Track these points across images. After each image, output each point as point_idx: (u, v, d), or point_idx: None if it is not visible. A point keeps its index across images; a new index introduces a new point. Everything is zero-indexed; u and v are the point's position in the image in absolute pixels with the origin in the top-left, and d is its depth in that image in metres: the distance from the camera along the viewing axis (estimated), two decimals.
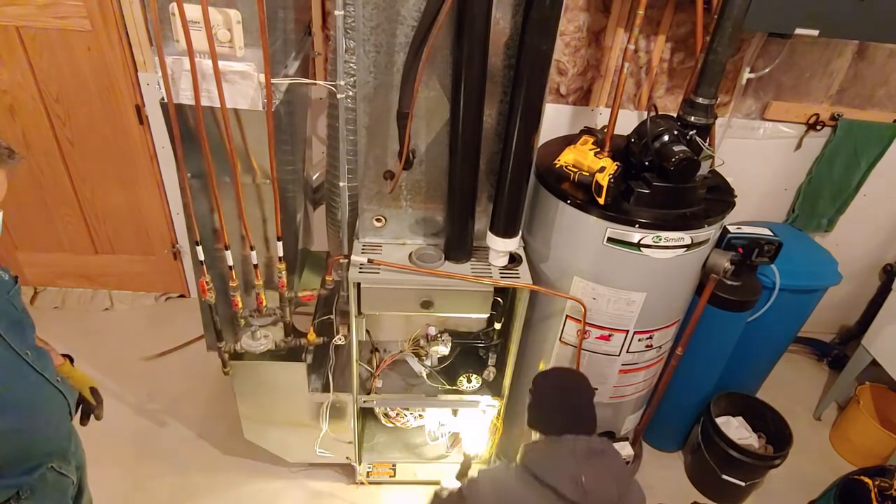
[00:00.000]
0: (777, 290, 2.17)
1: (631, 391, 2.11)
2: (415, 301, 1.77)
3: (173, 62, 1.36)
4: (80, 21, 2.25)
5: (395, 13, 1.42)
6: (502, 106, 1.60)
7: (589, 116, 2.38)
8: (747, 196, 2.41)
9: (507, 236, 1.72)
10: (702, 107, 1.69)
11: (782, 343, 2.49)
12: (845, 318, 3.18)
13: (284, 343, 1.91)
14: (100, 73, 2.38)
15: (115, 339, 2.85)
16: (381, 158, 1.65)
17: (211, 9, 1.29)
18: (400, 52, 1.47)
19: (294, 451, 2.23)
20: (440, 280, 1.72)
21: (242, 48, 1.36)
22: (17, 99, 2.44)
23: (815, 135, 2.50)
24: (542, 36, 1.40)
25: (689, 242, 1.74)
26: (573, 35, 2.20)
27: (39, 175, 2.65)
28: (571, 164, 1.77)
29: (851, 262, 2.78)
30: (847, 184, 2.58)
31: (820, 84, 2.39)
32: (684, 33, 2.20)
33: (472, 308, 1.82)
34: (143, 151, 2.60)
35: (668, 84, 2.34)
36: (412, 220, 1.79)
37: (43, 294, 3.00)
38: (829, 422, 2.82)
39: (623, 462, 1.42)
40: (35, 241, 2.88)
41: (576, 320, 1.90)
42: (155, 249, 2.93)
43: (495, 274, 1.75)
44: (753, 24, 1.81)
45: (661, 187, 1.68)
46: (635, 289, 1.81)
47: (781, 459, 2.26)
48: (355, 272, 1.70)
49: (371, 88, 1.53)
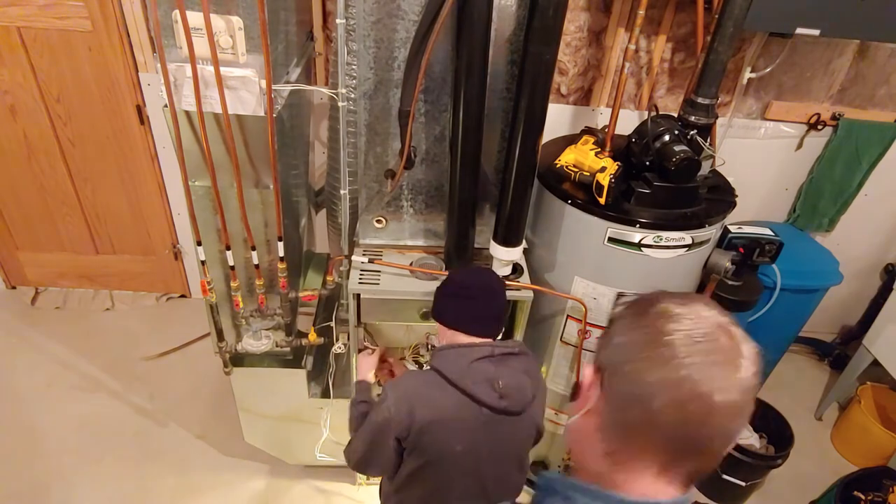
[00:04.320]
0: (778, 289, 2.17)
1: None
2: (414, 311, 1.77)
3: (175, 69, 1.36)
4: (80, 21, 2.25)
5: (395, 7, 1.42)
6: (504, 114, 1.59)
7: (590, 116, 2.38)
8: (748, 196, 2.40)
9: (510, 245, 1.71)
10: (703, 106, 1.69)
11: (783, 343, 2.49)
12: (846, 318, 3.18)
13: (286, 343, 1.91)
14: (101, 73, 2.38)
15: (116, 339, 2.86)
16: (382, 157, 1.65)
17: (213, 15, 1.29)
18: (401, 48, 1.47)
19: (295, 455, 2.23)
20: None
21: (244, 54, 1.36)
22: (19, 99, 2.45)
23: (816, 134, 2.50)
24: (544, 44, 1.40)
25: (689, 242, 1.74)
26: (574, 35, 2.20)
27: (41, 175, 2.66)
28: (572, 164, 1.77)
29: (852, 262, 2.78)
30: (848, 183, 2.58)
31: (821, 84, 2.39)
32: (685, 33, 2.20)
33: None
34: (143, 151, 2.60)
35: (669, 84, 2.34)
36: (413, 223, 1.79)
37: (44, 294, 3.00)
38: (830, 422, 2.82)
39: (535, 360, 1.40)
40: (36, 242, 2.88)
41: (577, 320, 1.90)
42: (156, 249, 2.93)
43: None
44: (754, 23, 1.80)
45: (661, 187, 1.68)
46: (636, 289, 1.80)
47: (782, 459, 2.26)
48: (355, 282, 1.69)
49: (371, 85, 1.52)
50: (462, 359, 1.31)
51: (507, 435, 1.35)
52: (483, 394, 1.27)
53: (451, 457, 1.30)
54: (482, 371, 1.29)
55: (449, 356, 1.33)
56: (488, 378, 1.28)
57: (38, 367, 2.66)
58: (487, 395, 1.27)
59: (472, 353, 1.30)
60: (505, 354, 1.33)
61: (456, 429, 1.29)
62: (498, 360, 1.31)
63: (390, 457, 1.32)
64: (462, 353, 1.32)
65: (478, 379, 1.28)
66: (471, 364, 1.29)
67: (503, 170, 1.63)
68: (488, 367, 1.29)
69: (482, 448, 1.32)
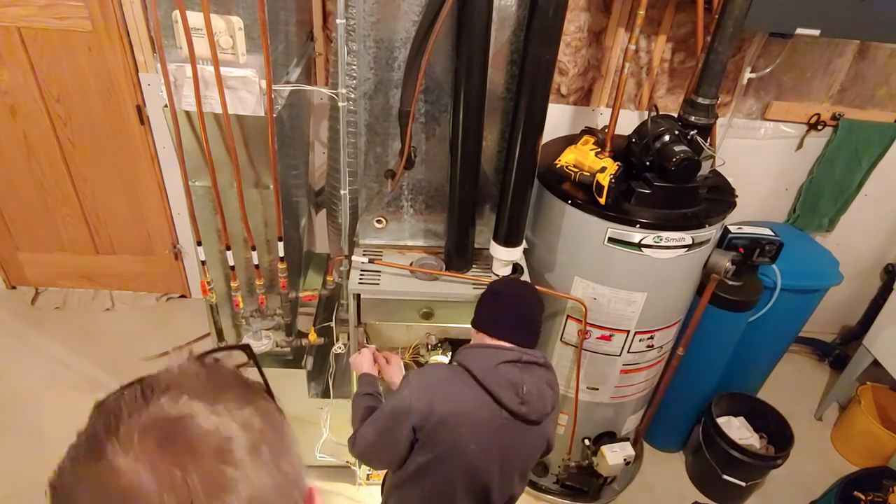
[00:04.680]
0: (778, 290, 2.17)
1: (632, 391, 2.11)
2: (415, 311, 1.77)
3: (176, 69, 1.36)
4: (80, 21, 2.25)
5: (395, 7, 1.42)
6: (504, 114, 1.59)
7: (590, 116, 2.38)
8: (748, 196, 2.40)
9: (511, 245, 1.71)
10: (703, 107, 1.69)
11: (783, 343, 2.49)
12: (846, 318, 3.17)
13: (286, 343, 1.91)
14: (100, 73, 2.38)
15: (116, 339, 2.85)
16: (382, 158, 1.65)
17: (213, 15, 1.29)
18: (401, 48, 1.47)
19: None
20: (440, 291, 1.72)
21: (244, 54, 1.36)
22: (18, 99, 2.44)
23: (816, 135, 2.50)
24: (544, 45, 1.40)
25: (689, 242, 1.74)
26: (574, 35, 2.20)
27: (40, 175, 2.66)
28: (572, 165, 1.77)
29: (853, 262, 2.78)
30: (848, 184, 2.58)
31: (821, 84, 2.39)
32: (685, 33, 2.20)
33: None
34: (143, 152, 2.60)
35: (669, 84, 2.34)
36: (413, 223, 1.79)
37: (44, 294, 3.00)
38: (830, 422, 2.82)
39: (556, 377, 1.41)
40: (36, 242, 2.88)
41: (577, 320, 1.90)
42: (156, 250, 2.93)
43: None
44: (754, 23, 1.80)
45: (661, 187, 1.68)
46: (636, 289, 1.81)
47: (782, 460, 2.26)
48: (355, 282, 1.69)
49: (371, 85, 1.52)
50: (489, 359, 1.31)
51: (519, 442, 1.34)
52: (505, 396, 1.27)
53: (463, 454, 1.29)
54: (507, 374, 1.29)
55: (476, 354, 1.34)
56: (513, 382, 1.28)
57: (38, 367, 2.65)
58: (509, 399, 1.27)
59: (500, 356, 1.31)
60: (531, 363, 1.33)
61: (473, 426, 1.29)
62: (523, 367, 1.32)
63: (402, 447, 1.31)
64: (490, 353, 1.33)
65: (502, 381, 1.28)
66: (497, 366, 1.29)
67: (503, 170, 1.63)
68: (514, 372, 1.30)
69: (494, 450, 1.31)
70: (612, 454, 2.11)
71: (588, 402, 2.10)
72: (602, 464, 2.13)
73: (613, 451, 2.11)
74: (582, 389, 2.05)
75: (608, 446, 2.13)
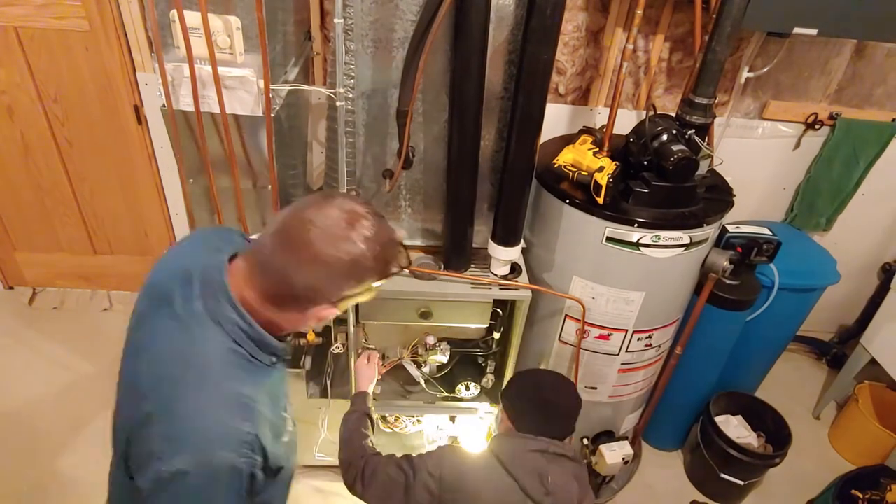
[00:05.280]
0: (776, 289, 2.17)
1: (630, 390, 2.11)
2: (413, 311, 1.77)
3: (173, 69, 1.36)
4: (78, 21, 2.25)
5: (393, 7, 1.42)
6: (502, 114, 1.59)
7: (588, 116, 2.38)
8: (746, 195, 2.40)
9: (509, 245, 1.71)
10: (700, 106, 1.69)
11: (781, 342, 2.49)
12: (844, 317, 3.18)
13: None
14: (98, 73, 2.37)
15: (114, 339, 2.83)
16: (380, 157, 1.65)
17: (211, 15, 1.29)
18: (399, 47, 1.47)
19: None
20: (438, 290, 1.72)
21: (242, 54, 1.36)
22: (16, 99, 2.44)
23: (814, 134, 2.50)
24: (542, 44, 1.40)
25: (687, 242, 1.74)
26: (572, 35, 2.20)
27: (38, 175, 2.65)
28: (570, 164, 1.77)
29: (850, 261, 2.78)
30: (846, 183, 2.58)
31: (818, 83, 2.40)
32: (683, 33, 2.20)
33: (470, 318, 1.82)
34: (141, 152, 2.59)
35: (667, 83, 2.34)
36: (411, 223, 1.79)
37: (41, 294, 3.00)
38: (828, 421, 2.83)
39: (586, 471, 1.44)
40: (33, 242, 2.87)
41: (575, 320, 1.90)
42: (154, 250, 2.92)
43: (495, 287, 1.75)
44: (752, 23, 1.80)
45: (659, 186, 1.68)
46: (634, 288, 1.81)
47: (780, 458, 2.26)
48: None
49: (370, 85, 1.52)
50: (517, 446, 1.34)
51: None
52: (530, 486, 1.28)
53: None
54: (533, 462, 1.30)
55: (505, 442, 1.37)
56: (539, 471, 1.29)
57: (36, 368, 2.65)
58: (534, 489, 1.28)
59: (528, 444, 1.33)
60: (559, 455, 1.34)
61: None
62: (551, 458, 1.33)
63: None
64: (518, 441, 1.35)
65: (528, 469, 1.29)
66: (524, 453, 1.31)
67: (501, 169, 1.63)
68: (540, 461, 1.31)
69: None
70: (611, 453, 2.11)
71: (586, 401, 2.08)
72: (600, 463, 2.13)
73: (612, 451, 2.12)
74: (580, 389, 2.05)
75: (606, 445, 2.13)
